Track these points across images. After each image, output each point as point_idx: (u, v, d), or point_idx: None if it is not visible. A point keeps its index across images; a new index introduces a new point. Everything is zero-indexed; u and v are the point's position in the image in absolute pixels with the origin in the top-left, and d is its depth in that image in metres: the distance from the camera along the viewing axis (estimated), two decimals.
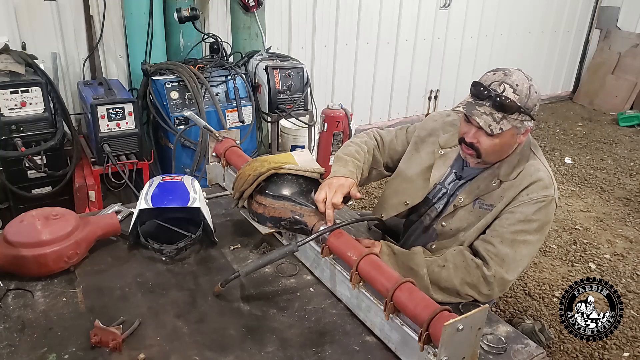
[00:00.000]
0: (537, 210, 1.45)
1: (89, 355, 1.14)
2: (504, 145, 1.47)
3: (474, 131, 1.46)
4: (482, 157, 1.49)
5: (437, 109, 5.63)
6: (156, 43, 3.35)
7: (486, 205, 1.53)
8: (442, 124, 1.72)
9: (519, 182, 1.49)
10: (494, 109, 1.40)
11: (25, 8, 3.16)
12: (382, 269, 1.21)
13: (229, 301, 1.35)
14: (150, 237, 1.51)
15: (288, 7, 4.20)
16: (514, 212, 1.47)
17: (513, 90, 1.40)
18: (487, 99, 1.41)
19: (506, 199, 1.49)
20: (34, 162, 2.75)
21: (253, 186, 1.48)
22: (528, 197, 1.46)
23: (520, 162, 1.53)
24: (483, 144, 1.45)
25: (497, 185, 1.52)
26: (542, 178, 1.48)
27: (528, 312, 2.64)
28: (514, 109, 1.40)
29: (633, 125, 5.76)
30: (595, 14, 6.46)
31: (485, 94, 1.41)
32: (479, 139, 1.45)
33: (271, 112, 3.41)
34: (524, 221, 1.45)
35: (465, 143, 1.49)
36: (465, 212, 1.55)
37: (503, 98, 1.39)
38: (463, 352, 1.03)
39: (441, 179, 1.65)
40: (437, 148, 1.67)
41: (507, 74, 1.42)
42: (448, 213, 1.59)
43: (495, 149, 1.46)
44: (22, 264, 1.35)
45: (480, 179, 1.56)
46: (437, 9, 5.09)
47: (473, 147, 1.48)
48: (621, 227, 3.56)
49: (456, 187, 1.61)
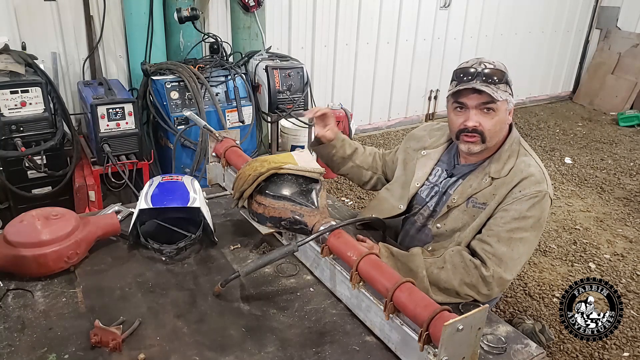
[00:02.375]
0: (531, 207, 1.45)
1: (89, 355, 1.14)
2: (501, 122, 1.51)
3: (473, 114, 1.49)
4: (487, 141, 1.51)
5: (437, 109, 5.63)
6: (156, 43, 3.36)
7: (479, 204, 1.53)
8: (429, 131, 1.81)
9: (510, 179, 1.50)
10: (484, 83, 1.45)
11: (25, 8, 3.16)
12: (382, 269, 1.21)
13: (229, 301, 1.35)
14: (150, 237, 1.51)
15: (288, 7, 4.20)
16: (508, 210, 1.47)
17: (493, 66, 1.49)
18: (477, 77, 1.46)
19: (499, 196, 1.49)
20: (34, 162, 2.75)
21: (253, 186, 1.48)
22: (521, 193, 1.47)
23: (510, 157, 1.54)
24: (486, 125, 1.49)
25: (489, 183, 1.53)
26: (534, 173, 1.49)
27: (528, 312, 2.64)
28: (502, 78, 1.47)
29: (633, 125, 5.76)
30: (595, 14, 6.46)
31: (473, 72, 1.46)
32: (480, 121, 1.49)
33: (271, 112, 3.41)
34: (518, 218, 1.45)
35: (466, 132, 1.51)
36: (459, 212, 1.56)
37: (489, 71, 1.46)
38: (463, 352, 1.03)
39: (425, 177, 1.69)
40: (422, 150, 1.75)
41: (479, 58, 1.52)
42: (442, 214, 1.59)
43: (495, 128, 1.50)
44: (22, 264, 1.35)
45: (471, 177, 1.57)
46: (437, 9, 5.09)
47: (477, 132, 1.50)
48: (621, 227, 3.56)
49: (448, 185, 1.64)
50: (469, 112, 1.49)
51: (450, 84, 1.54)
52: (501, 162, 1.54)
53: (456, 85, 1.49)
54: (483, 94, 1.45)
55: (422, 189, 1.70)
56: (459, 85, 1.48)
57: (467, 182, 1.57)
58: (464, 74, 1.48)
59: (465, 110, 1.51)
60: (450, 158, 1.69)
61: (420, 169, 1.71)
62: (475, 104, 1.48)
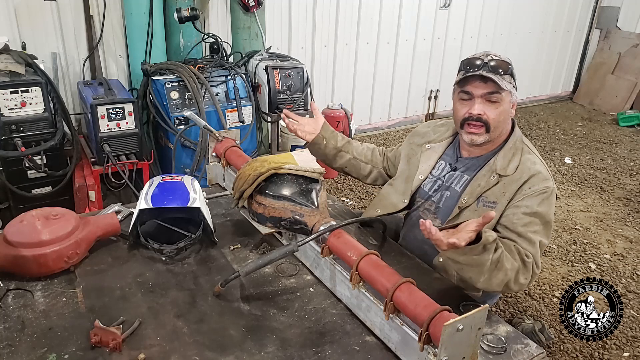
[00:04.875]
0: (541, 202, 1.49)
1: (89, 355, 1.14)
2: (505, 113, 1.55)
3: (478, 103, 1.52)
4: (491, 130, 1.54)
5: (437, 109, 5.63)
6: (156, 43, 3.35)
7: (489, 202, 1.54)
8: (433, 127, 1.83)
9: (518, 176, 1.53)
10: (490, 72, 1.49)
11: (25, 8, 3.16)
12: (382, 269, 1.21)
13: (229, 301, 1.35)
14: (150, 237, 1.51)
15: (288, 7, 4.20)
16: (519, 206, 1.49)
17: (499, 58, 1.53)
18: (483, 67, 1.49)
19: (509, 193, 1.51)
20: (34, 162, 2.75)
21: (253, 186, 1.48)
22: (530, 190, 1.49)
23: (515, 154, 1.57)
24: (490, 114, 1.52)
25: (496, 181, 1.54)
26: (541, 171, 1.53)
27: (528, 312, 2.64)
28: (507, 68, 1.51)
29: (633, 125, 5.76)
30: (595, 14, 6.46)
31: (479, 63, 1.50)
32: (485, 110, 1.52)
33: (271, 112, 3.41)
34: (529, 214, 1.48)
35: (471, 121, 1.54)
36: (471, 212, 1.56)
37: (495, 59, 1.51)
38: (463, 352, 1.03)
39: (429, 171, 1.71)
40: (426, 143, 1.77)
41: (486, 51, 1.56)
42: (453, 216, 1.59)
43: (500, 117, 1.54)
44: (22, 264, 1.35)
45: (479, 176, 1.59)
46: (437, 9, 5.09)
47: (481, 121, 1.53)
48: (621, 227, 3.56)
49: (452, 179, 1.65)
50: (474, 100, 1.53)
51: (458, 74, 1.57)
52: (506, 159, 1.57)
53: (463, 75, 1.53)
54: (489, 82, 1.49)
55: (425, 183, 1.71)
56: (467, 73, 1.51)
57: (475, 182, 1.58)
58: (470, 64, 1.52)
59: (471, 99, 1.54)
60: (454, 152, 1.71)
61: (425, 162, 1.73)
62: (480, 93, 1.52)
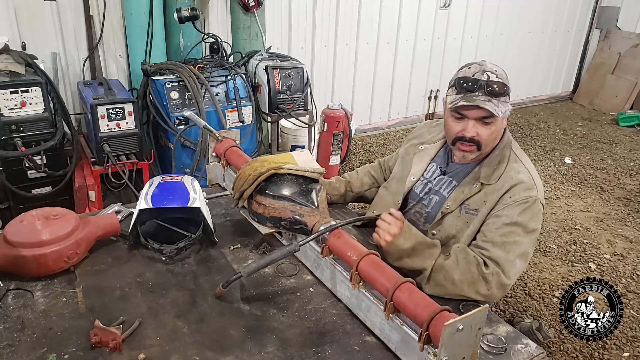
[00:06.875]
0: (522, 212, 1.46)
1: (89, 355, 1.14)
2: (498, 131, 1.53)
3: (472, 125, 1.49)
4: (482, 149, 1.53)
5: (437, 108, 5.63)
6: (156, 43, 3.35)
7: (471, 210, 1.54)
8: (428, 128, 1.83)
9: (500, 186, 1.51)
10: (488, 95, 1.44)
11: (25, 8, 3.16)
12: (382, 269, 1.21)
13: (229, 301, 1.35)
14: (150, 237, 1.51)
15: (288, 7, 4.20)
16: (500, 216, 1.48)
17: (495, 76, 1.46)
18: (479, 89, 1.45)
19: (490, 203, 1.51)
20: (34, 162, 2.75)
21: (253, 186, 1.48)
22: (511, 199, 1.48)
23: (500, 163, 1.55)
24: (483, 135, 1.50)
25: (479, 189, 1.54)
26: (523, 180, 1.50)
27: (528, 312, 2.64)
28: (504, 91, 1.46)
29: (633, 125, 5.76)
30: (595, 14, 6.46)
31: (476, 86, 1.45)
32: (478, 131, 1.49)
33: (271, 112, 3.41)
34: (509, 224, 1.46)
35: (464, 141, 1.51)
36: (453, 218, 1.57)
37: (493, 84, 1.44)
38: (463, 352, 1.03)
39: (421, 173, 1.70)
40: (420, 144, 1.76)
41: (481, 64, 1.50)
42: (437, 220, 1.60)
43: (492, 137, 1.52)
44: (22, 264, 1.35)
45: (464, 183, 1.58)
46: (437, 9, 5.09)
47: (474, 142, 1.50)
48: (621, 227, 3.56)
49: (440, 183, 1.65)
50: (468, 122, 1.49)
51: (450, 89, 1.52)
52: (491, 167, 1.55)
53: (457, 95, 1.48)
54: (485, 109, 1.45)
55: (417, 185, 1.71)
56: (462, 99, 1.46)
57: (459, 188, 1.58)
58: (466, 84, 1.46)
59: (464, 119, 1.50)
60: (445, 155, 1.70)
61: (417, 163, 1.73)
62: (475, 116, 1.48)
